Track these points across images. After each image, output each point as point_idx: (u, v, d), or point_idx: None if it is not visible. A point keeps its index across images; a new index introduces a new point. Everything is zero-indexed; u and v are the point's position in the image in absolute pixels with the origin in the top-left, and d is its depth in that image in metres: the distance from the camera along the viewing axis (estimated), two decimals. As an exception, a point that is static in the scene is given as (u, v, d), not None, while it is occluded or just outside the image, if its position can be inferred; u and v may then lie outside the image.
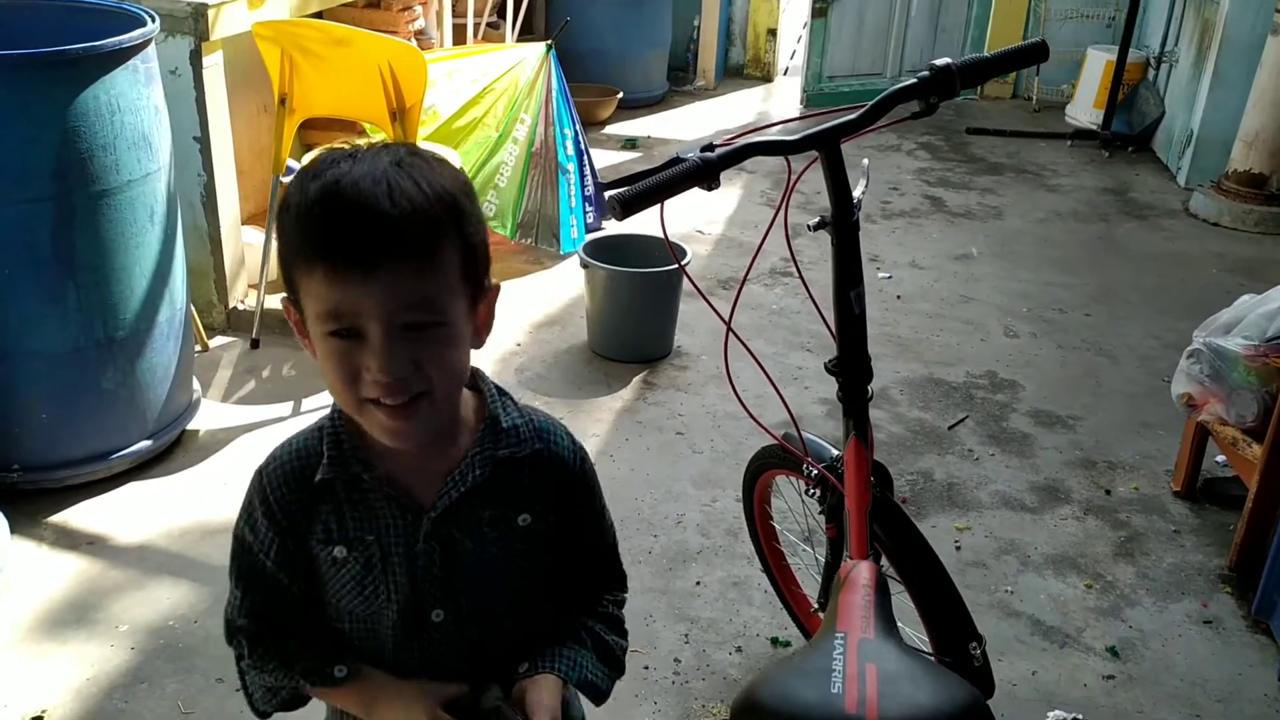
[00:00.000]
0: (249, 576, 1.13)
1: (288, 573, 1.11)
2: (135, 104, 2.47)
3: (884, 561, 1.79)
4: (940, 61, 1.52)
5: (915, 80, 1.52)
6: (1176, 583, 2.54)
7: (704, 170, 1.40)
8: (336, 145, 1.02)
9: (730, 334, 1.68)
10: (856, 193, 1.57)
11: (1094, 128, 5.95)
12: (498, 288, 1.06)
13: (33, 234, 2.40)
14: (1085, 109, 6.16)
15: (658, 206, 1.38)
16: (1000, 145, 5.88)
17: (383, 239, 0.92)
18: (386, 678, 1.12)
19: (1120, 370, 3.53)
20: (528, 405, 1.16)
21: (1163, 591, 2.51)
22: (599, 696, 1.18)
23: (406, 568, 1.08)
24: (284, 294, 1.03)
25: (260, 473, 1.11)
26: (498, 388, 1.14)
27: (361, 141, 1.04)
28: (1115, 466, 3.00)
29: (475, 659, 1.13)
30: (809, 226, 1.56)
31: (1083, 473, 2.96)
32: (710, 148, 1.44)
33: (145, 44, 2.50)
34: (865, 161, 1.62)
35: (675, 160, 1.43)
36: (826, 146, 1.51)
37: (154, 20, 2.57)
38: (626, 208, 1.37)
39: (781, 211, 1.59)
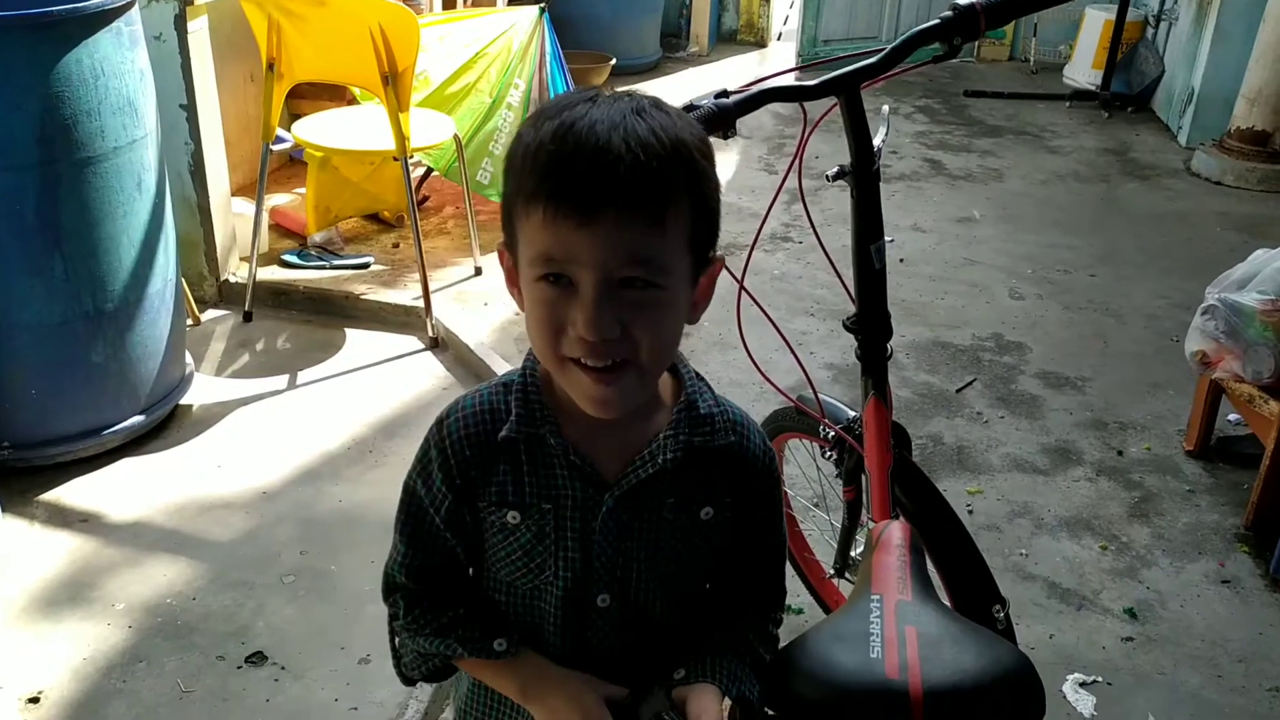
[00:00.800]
0: (416, 532, 1.07)
1: (456, 534, 1.05)
2: (119, 68, 2.39)
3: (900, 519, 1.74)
4: (964, 1, 1.45)
5: (938, 20, 1.46)
6: (1193, 543, 2.50)
7: (719, 117, 1.34)
8: (575, 91, 0.97)
9: (743, 294, 1.62)
10: (877, 140, 1.50)
11: (1093, 88, 5.88)
12: (722, 261, 1.00)
13: (16, 203, 2.32)
14: (1084, 70, 6.08)
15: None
16: (999, 107, 5.81)
17: (611, 185, 0.87)
18: (548, 663, 1.06)
19: (1127, 330, 3.48)
20: (723, 396, 1.10)
21: (1179, 552, 2.47)
22: (750, 715, 1.12)
23: (580, 544, 1.02)
24: (501, 240, 0.98)
25: (441, 423, 1.04)
26: (695, 372, 1.08)
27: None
28: (1126, 427, 2.95)
29: (633, 654, 1.08)
30: (827, 176, 1.50)
31: (1093, 434, 2.92)
32: (725, 94, 1.38)
33: (128, 6, 2.42)
34: (886, 108, 1.56)
35: (689, 108, 1.36)
36: (846, 91, 1.45)
37: (137, -20, 2.49)
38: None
39: (797, 161, 1.52)
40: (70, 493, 2.49)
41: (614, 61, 5.79)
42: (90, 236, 2.42)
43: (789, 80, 1.45)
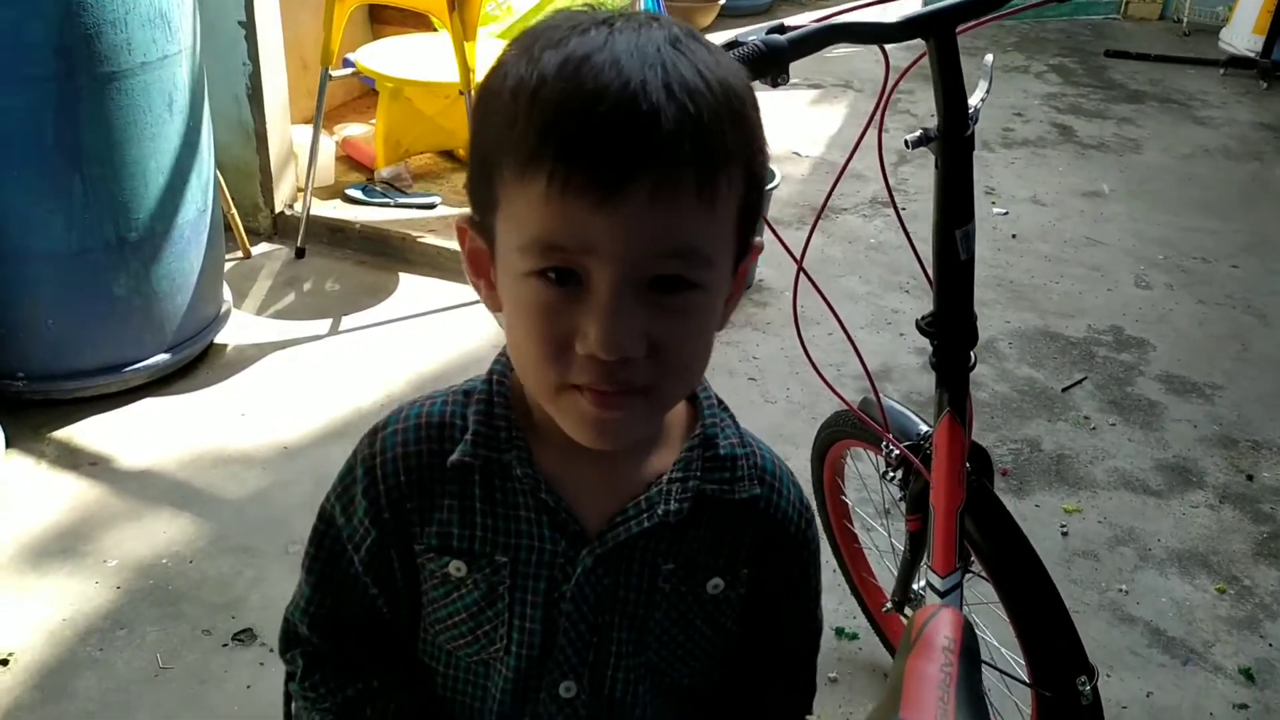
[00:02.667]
0: (327, 573, 0.84)
1: (378, 582, 0.82)
2: (151, -25, 2.19)
3: (973, 562, 1.45)
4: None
5: (1066, -53, 1.13)
6: (1329, 594, 2.14)
7: (768, 57, 1.04)
8: (570, 7, 0.70)
9: (801, 274, 1.33)
10: (974, 99, 1.19)
11: (1252, 55, 5.29)
12: (761, 246, 0.74)
13: (33, 119, 2.14)
14: (1243, 34, 5.48)
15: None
16: (1143, 71, 5.27)
17: (649, 146, 0.61)
18: None
19: (1271, 334, 3.05)
20: (747, 432, 0.84)
21: (1312, 604, 2.11)
22: None
23: (543, 612, 0.78)
24: (462, 213, 0.72)
25: (375, 434, 0.81)
26: (718, 398, 0.83)
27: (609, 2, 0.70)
28: (1260, 447, 2.56)
29: None
30: (906, 142, 1.19)
31: (1220, 452, 2.54)
32: (781, 29, 1.08)
33: (165, -93, 2.21)
34: (989, 58, 1.24)
35: (732, 45, 1.07)
36: (938, 33, 1.14)
37: (178, -119, 2.27)
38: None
39: (875, 122, 1.22)
40: (83, 431, 2.35)
41: (722, 2, 5.43)
42: (113, 159, 2.23)
43: (867, 16, 1.14)
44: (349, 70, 3.21)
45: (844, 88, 4.82)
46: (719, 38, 1.02)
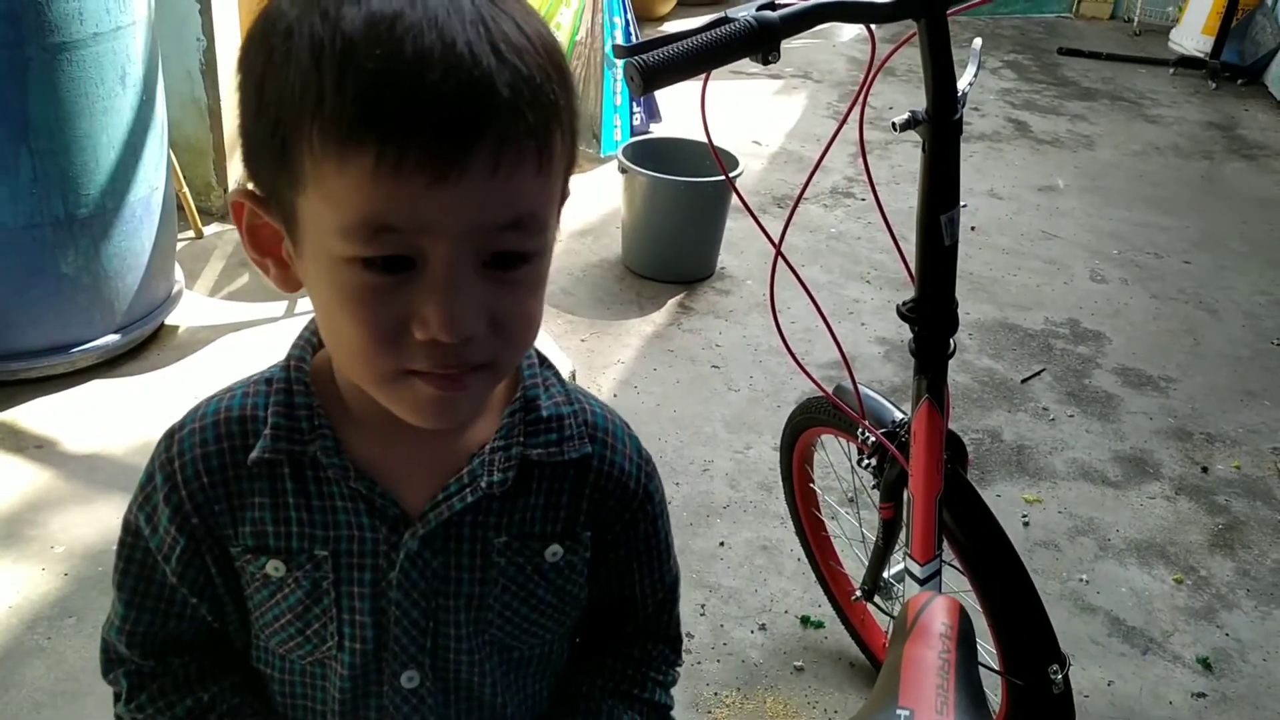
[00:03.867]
0: (140, 587, 0.78)
1: (196, 591, 0.77)
2: (104, -58, 2.11)
3: (945, 548, 1.45)
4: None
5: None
6: (1281, 584, 2.18)
7: (760, 34, 1.02)
8: None
9: (779, 258, 1.32)
10: (962, 83, 1.18)
11: (1201, 55, 5.39)
12: (569, 193, 0.69)
13: (-21, 88, 2.07)
14: (1192, 35, 5.58)
15: (698, 92, 1.02)
16: (1095, 69, 5.35)
17: (490, 118, 0.57)
18: None
19: (1223, 328, 3.10)
20: (577, 388, 0.80)
21: (1266, 594, 2.14)
22: None
23: (371, 603, 0.75)
24: (238, 189, 0.66)
25: (171, 437, 0.75)
26: (539, 355, 0.78)
27: None
28: (1214, 440, 2.60)
29: None
30: (895, 125, 1.18)
31: (1175, 444, 2.57)
32: (771, 5, 1.06)
33: (119, -128, 2.13)
34: (977, 42, 1.23)
35: (721, 20, 1.05)
36: (929, 14, 1.12)
37: None
38: (650, 78, 0.99)
39: (860, 99, 1.21)
40: (29, 414, 2.27)
41: (683, -12, 5.41)
42: (63, 132, 2.16)
43: (858, -4, 1.12)
44: (306, 48, 3.13)
45: (803, 79, 4.82)
46: (677, 26, 1.00)
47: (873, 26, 1.16)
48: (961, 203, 1.27)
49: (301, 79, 0.57)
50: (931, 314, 1.28)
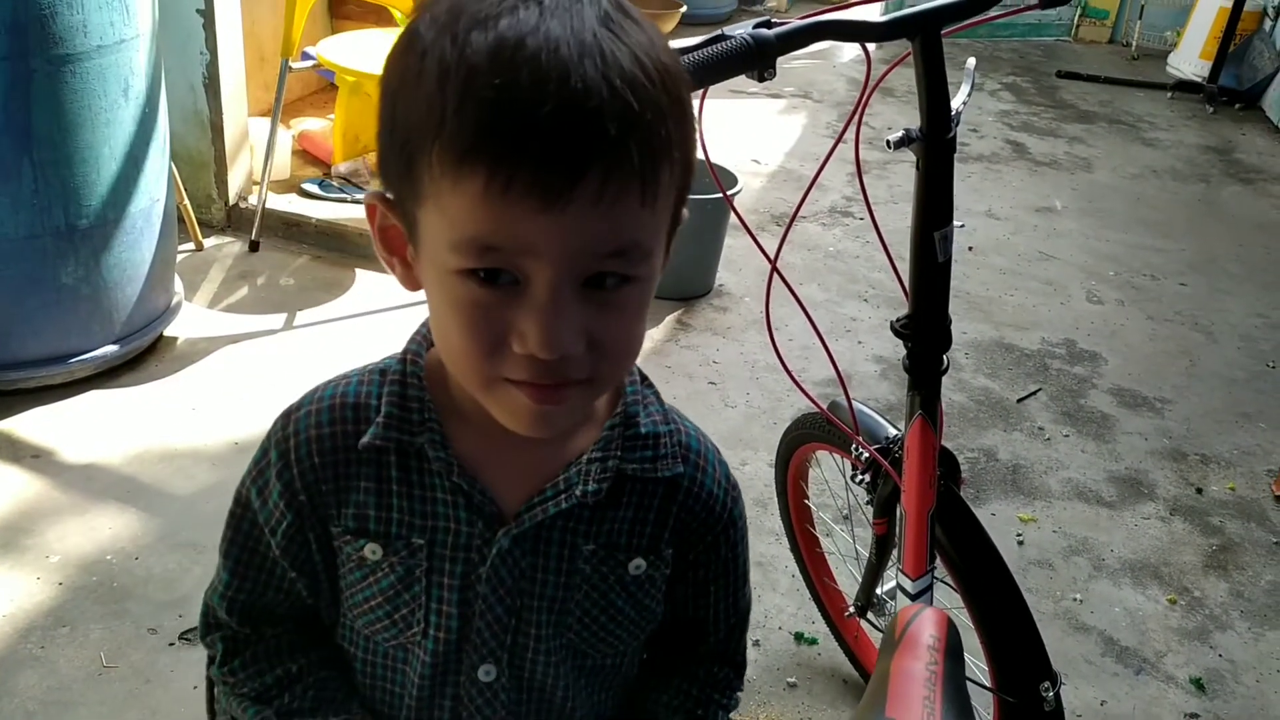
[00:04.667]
0: (245, 557, 0.82)
1: (296, 566, 0.80)
2: (109, -44, 2.13)
3: (938, 565, 1.45)
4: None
5: (1050, -48, 1.14)
6: (1276, 605, 2.17)
7: (756, 51, 1.04)
8: None
9: (774, 275, 1.33)
10: (956, 102, 1.19)
11: (1199, 80, 5.42)
12: (685, 217, 0.71)
13: (-18, 99, 2.08)
14: (1190, 59, 5.62)
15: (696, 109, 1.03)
16: (1093, 92, 5.38)
17: (598, 150, 0.58)
18: None
19: (1219, 350, 3.11)
20: (673, 409, 0.82)
21: (1260, 615, 2.14)
22: None
23: (459, 595, 0.77)
24: (377, 189, 0.68)
25: (288, 416, 0.78)
26: (641, 373, 0.81)
27: None
28: (1209, 461, 2.61)
29: None
30: (889, 142, 1.19)
31: (1170, 465, 2.58)
32: (768, 24, 1.07)
33: (125, -113, 2.15)
34: (971, 62, 1.25)
35: (718, 38, 1.06)
36: (923, 34, 1.14)
37: None
38: (646, 94, 1.00)
39: (856, 117, 1.22)
40: (26, 423, 2.27)
41: (684, 9, 5.44)
42: (65, 144, 2.17)
43: (853, 15, 1.14)
44: (309, 63, 3.16)
45: (802, 98, 4.85)
46: (688, 43, 1.01)
47: (868, 46, 1.17)
48: (959, 223, 1.29)
49: (427, 100, 0.60)
50: (925, 330, 1.29)
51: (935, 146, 1.18)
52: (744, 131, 4.33)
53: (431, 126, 0.60)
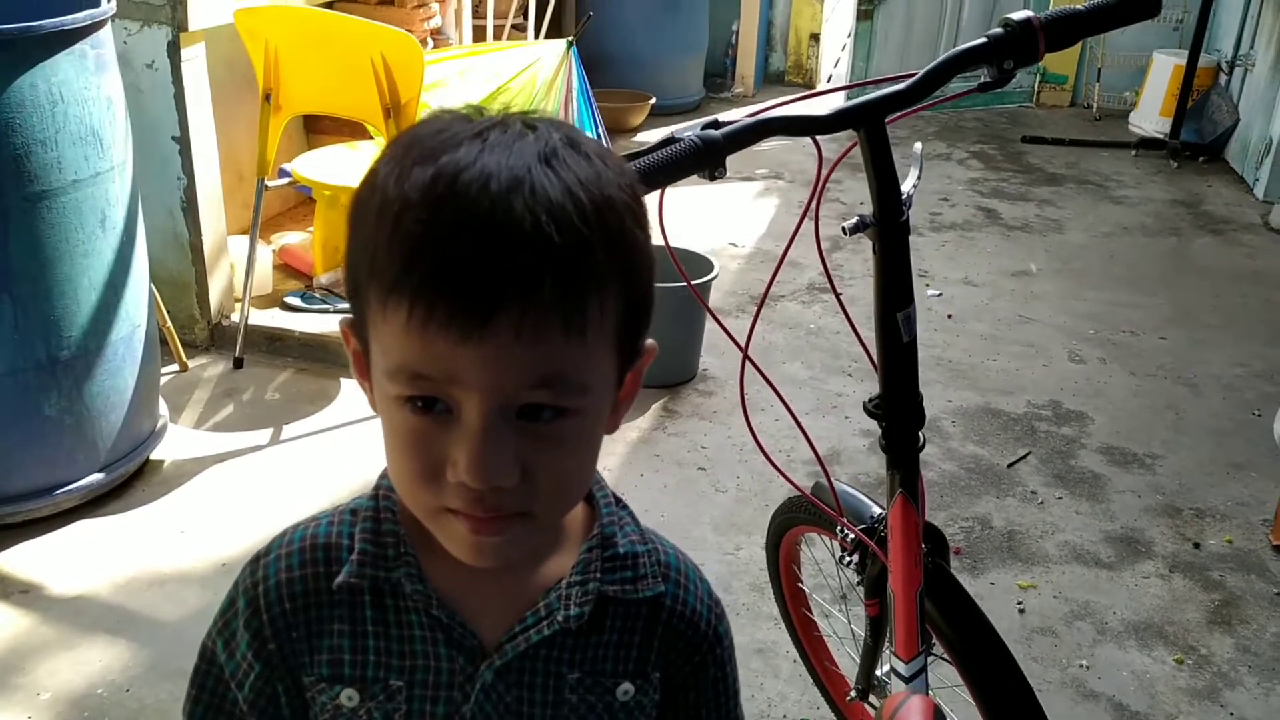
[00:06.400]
0: (206, 714, 0.79)
1: (263, 719, 0.77)
2: (82, 94, 2.18)
3: (934, 644, 1.44)
4: (1019, 15, 1.17)
5: (985, 39, 1.18)
6: (1283, 658, 2.15)
7: (705, 151, 1.06)
8: (448, 108, 0.68)
9: (746, 362, 1.34)
10: (906, 186, 1.22)
11: (1161, 136, 5.53)
12: (654, 349, 0.72)
13: (-40, 240, 2.11)
14: (1150, 117, 5.74)
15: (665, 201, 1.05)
16: (1059, 154, 5.48)
17: (514, 283, 0.60)
18: None
19: (1204, 402, 3.13)
20: (649, 529, 0.82)
21: (1268, 669, 2.12)
22: None
23: None
24: (346, 315, 0.70)
25: (256, 562, 0.77)
26: (615, 496, 0.81)
27: (489, 105, 0.67)
28: (1203, 515, 2.60)
29: None
30: (844, 229, 1.21)
31: (1165, 521, 2.57)
32: (716, 124, 1.10)
33: (96, 26, 2.21)
34: (918, 147, 1.27)
35: (669, 140, 1.09)
36: (868, 124, 1.17)
37: (109, 1, 2.28)
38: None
39: (811, 211, 1.25)
40: (13, 559, 2.25)
41: (653, 101, 5.56)
42: (44, 278, 2.20)
43: (798, 110, 1.17)
44: (285, 180, 3.21)
45: (775, 179, 4.93)
46: (651, 136, 1.04)
47: (818, 138, 1.20)
48: (936, 291, 1.30)
49: (369, 233, 0.63)
50: (898, 409, 1.30)
51: (889, 231, 1.21)
52: (721, 216, 4.39)
53: (367, 259, 0.63)
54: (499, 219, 0.59)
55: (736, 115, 1.16)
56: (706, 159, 1.07)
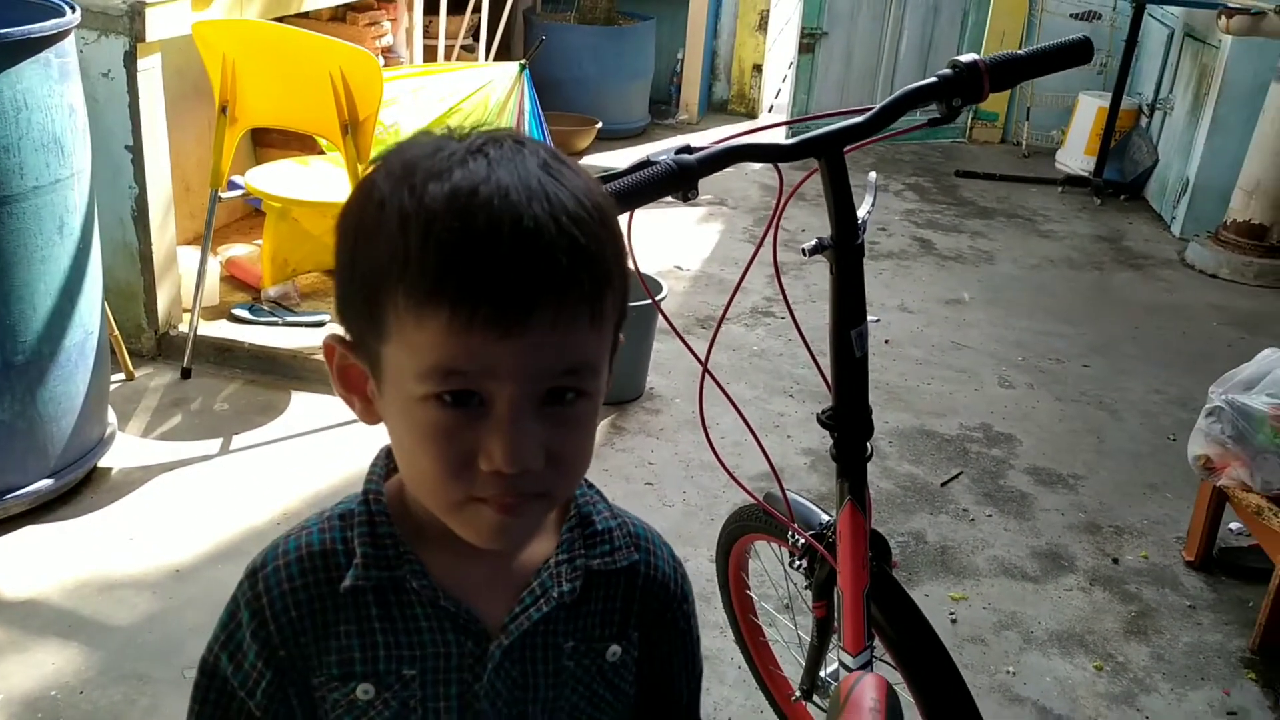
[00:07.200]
0: None
1: None
2: (45, 102, 2.20)
3: (877, 644, 1.52)
4: (966, 58, 1.27)
5: (936, 79, 1.28)
6: (1195, 666, 2.28)
7: (680, 175, 1.14)
8: (427, 131, 0.73)
9: (706, 376, 1.42)
10: (861, 211, 1.31)
11: (1085, 174, 5.77)
12: (622, 340, 0.78)
13: (-82, 242, 2.11)
14: (1076, 155, 5.98)
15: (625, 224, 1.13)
16: (990, 189, 5.69)
17: (551, 282, 0.66)
18: None
19: (1123, 426, 3.29)
20: (613, 505, 0.89)
21: (1180, 676, 2.25)
22: None
23: (458, 715, 0.80)
24: (335, 332, 0.74)
25: (254, 574, 0.80)
26: (585, 479, 0.86)
27: (459, 125, 0.73)
28: (1122, 532, 2.74)
29: None
30: (804, 250, 1.30)
31: (1087, 538, 2.70)
32: (689, 149, 1.19)
33: (60, 36, 2.23)
34: (872, 175, 1.37)
35: (644, 164, 1.17)
36: (828, 153, 1.26)
37: (73, 10, 2.31)
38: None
39: (772, 229, 1.33)
40: (-40, 563, 2.25)
41: (600, 125, 5.66)
42: (2, 283, 2.20)
43: (764, 138, 1.26)
44: (237, 192, 3.23)
45: (719, 205, 5.05)
46: (598, 159, 1.12)
47: (780, 165, 1.29)
48: (874, 318, 1.39)
49: (389, 245, 0.67)
50: (849, 421, 1.39)
51: (845, 253, 1.30)
52: (666, 240, 4.49)
53: (395, 270, 0.67)
54: (527, 224, 0.66)
55: (688, 141, 1.25)
56: (681, 181, 1.15)
